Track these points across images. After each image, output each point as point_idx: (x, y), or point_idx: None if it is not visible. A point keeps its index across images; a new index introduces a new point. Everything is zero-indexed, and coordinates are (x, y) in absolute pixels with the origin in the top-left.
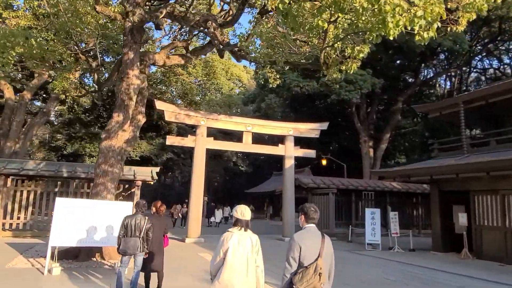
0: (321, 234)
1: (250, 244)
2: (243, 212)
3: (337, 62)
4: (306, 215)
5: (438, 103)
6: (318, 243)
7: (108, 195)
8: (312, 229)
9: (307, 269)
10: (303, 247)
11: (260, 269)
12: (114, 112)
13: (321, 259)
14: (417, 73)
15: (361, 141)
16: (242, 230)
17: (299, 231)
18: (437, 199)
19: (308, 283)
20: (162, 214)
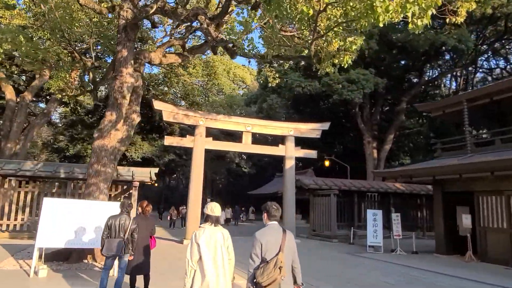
0: (283, 230)
1: (221, 238)
2: (213, 209)
3: (330, 56)
4: (268, 213)
5: (441, 102)
6: (279, 239)
7: (101, 195)
8: (274, 226)
9: (268, 263)
10: (264, 243)
11: (231, 260)
12: (107, 111)
13: (282, 253)
14: (421, 73)
15: (365, 142)
16: (212, 225)
17: (261, 229)
18: (440, 200)
19: (268, 277)
20: (148, 215)
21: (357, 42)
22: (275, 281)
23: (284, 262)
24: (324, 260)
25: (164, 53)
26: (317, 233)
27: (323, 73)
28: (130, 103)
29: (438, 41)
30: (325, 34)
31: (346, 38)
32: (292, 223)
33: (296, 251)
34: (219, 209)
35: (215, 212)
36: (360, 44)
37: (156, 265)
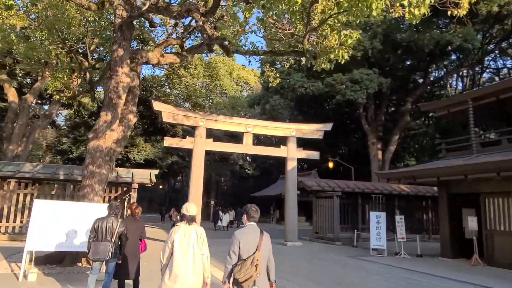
0: (260, 231)
1: (195, 235)
2: (187, 209)
3: (326, 51)
4: (248, 215)
5: (446, 101)
6: (256, 239)
7: (96, 197)
8: (252, 226)
9: (245, 261)
10: (242, 242)
11: (205, 256)
12: (102, 111)
13: (258, 252)
14: (426, 73)
15: (369, 143)
16: (187, 224)
17: (240, 228)
18: (445, 202)
19: (245, 273)
20: (137, 217)
21: (353, 36)
22: (251, 278)
23: (260, 260)
24: (325, 264)
25: (162, 53)
26: (320, 235)
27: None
28: (126, 103)
29: (443, 40)
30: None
31: (340, 31)
32: (294, 225)
33: (271, 251)
34: (193, 209)
35: (189, 212)
36: (356, 37)
37: (151, 268)
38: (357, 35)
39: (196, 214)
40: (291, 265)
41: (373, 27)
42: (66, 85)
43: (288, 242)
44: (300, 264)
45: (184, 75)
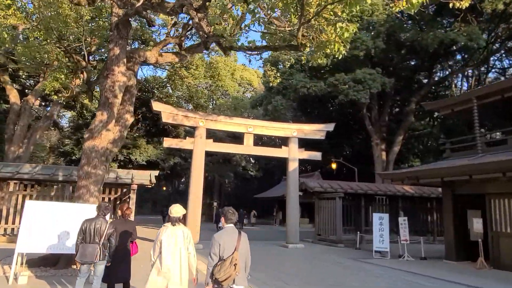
0: (238, 232)
1: (182, 235)
2: (172, 211)
3: (322, 46)
4: (225, 217)
5: (450, 99)
6: (234, 240)
7: (91, 198)
8: (230, 228)
9: (225, 261)
10: (221, 244)
11: (192, 254)
12: (98, 110)
13: (237, 252)
14: (431, 73)
15: (373, 144)
16: (173, 225)
17: (219, 231)
18: (450, 203)
19: (225, 273)
20: (128, 218)
21: (349, 29)
22: (230, 277)
23: (239, 260)
24: (326, 266)
25: (160, 52)
26: (323, 237)
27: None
28: (123, 102)
29: (447, 39)
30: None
31: (336, 24)
32: (295, 227)
33: (249, 251)
34: (178, 211)
35: (174, 214)
36: (353, 31)
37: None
38: (353, 28)
39: (181, 216)
40: (290, 268)
41: (376, 26)
42: (65, 86)
43: (289, 244)
44: (300, 267)
45: (185, 76)
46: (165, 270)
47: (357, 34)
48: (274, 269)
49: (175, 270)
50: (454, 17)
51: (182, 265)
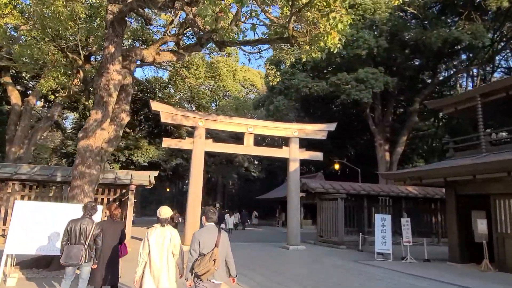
0: (218, 230)
1: (169, 236)
2: (160, 212)
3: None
4: (206, 216)
5: (453, 98)
6: (214, 237)
7: (85, 198)
8: (210, 226)
9: (204, 256)
10: (201, 241)
11: (176, 256)
12: (92, 109)
13: (217, 248)
14: (435, 72)
15: (376, 145)
16: (161, 225)
17: (200, 229)
18: (454, 204)
19: (204, 267)
20: (116, 219)
21: (344, 20)
22: (209, 271)
23: (218, 255)
24: (325, 269)
25: (157, 51)
26: (324, 239)
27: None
28: (119, 101)
29: (451, 37)
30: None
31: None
32: (296, 228)
33: (229, 247)
34: (165, 212)
35: (162, 215)
36: (347, 22)
37: None
38: (348, 20)
39: (169, 217)
40: (289, 270)
41: (379, 24)
42: (62, 85)
43: (290, 245)
44: (299, 269)
45: (187, 76)
46: (155, 272)
47: (359, 33)
48: (273, 271)
49: (163, 271)
50: (458, 15)
51: (169, 265)
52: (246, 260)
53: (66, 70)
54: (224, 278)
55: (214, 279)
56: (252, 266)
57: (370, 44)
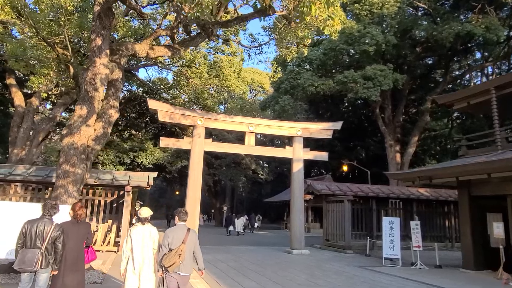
0: (187, 229)
1: (149, 234)
2: (141, 213)
3: (300, 10)
4: (178, 216)
5: (465, 91)
6: (183, 235)
7: (69, 199)
8: (181, 225)
9: (171, 251)
10: (171, 237)
11: (155, 250)
12: (77, 104)
13: (183, 245)
14: (447, 70)
15: (387, 145)
16: (142, 224)
17: (172, 227)
18: (467, 206)
19: (170, 261)
20: (81, 220)
21: None
22: (174, 264)
23: (185, 251)
24: (327, 276)
25: (151, 46)
26: (331, 243)
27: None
28: (107, 97)
29: (463, 31)
30: None
31: None
32: (300, 232)
33: (197, 243)
34: (145, 212)
35: (142, 215)
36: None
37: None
38: None
39: (149, 216)
40: (285, 276)
41: (387, 19)
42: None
43: (294, 250)
44: (297, 275)
45: (191, 77)
46: (137, 265)
47: (366, 28)
48: (268, 278)
49: (144, 264)
50: (472, 10)
51: (149, 259)
52: (243, 265)
53: (59, 67)
54: (190, 270)
55: (180, 271)
56: (247, 272)
57: (378, 40)
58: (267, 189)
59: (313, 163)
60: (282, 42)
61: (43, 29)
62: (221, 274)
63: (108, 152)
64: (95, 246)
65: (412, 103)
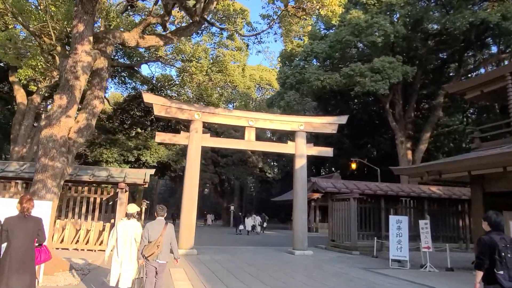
0: (165, 223)
1: (133, 228)
2: (128, 208)
3: None
4: (157, 212)
5: (478, 78)
6: (161, 228)
7: (48, 194)
8: (160, 219)
9: (150, 243)
10: (150, 230)
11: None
12: (56, 94)
13: (161, 237)
14: (461, 63)
15: (397, 142)
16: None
17: (152, 221)
18: (480, 203)
19: (149, 251)
20: (28, 215)
21: None
22: (153, 254)
23: (162, 242)
24: (325, 278)
25: (141, 34)
26: (337, 243)
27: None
28: (92, 87)
29: (477, 19)
30: None
31: None
32: (302, 232)
33: (173, 236)
34: (131, 208)
35: (129, 210)
36: None
37: None
38: None
39: (135, 212)
40: (280, 279)
41: (396, 8)
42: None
43: (296, 250)
44: (294, 278)
45: (194, 72)
46: (120, 254)
47: (373, 18)
48: (260, 281)
49: (126, 254)
50: None
51: (132, 250)
52: (238, 266)
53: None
54: (167, 259)
55: (158, 259)
56: (240, 274)
57: (386, 30)
58: (276, 188)
59: (323, 161)
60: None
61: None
62: (210, 276)
63: (112, 150)
64: (87, 246)
65: (424, 98)
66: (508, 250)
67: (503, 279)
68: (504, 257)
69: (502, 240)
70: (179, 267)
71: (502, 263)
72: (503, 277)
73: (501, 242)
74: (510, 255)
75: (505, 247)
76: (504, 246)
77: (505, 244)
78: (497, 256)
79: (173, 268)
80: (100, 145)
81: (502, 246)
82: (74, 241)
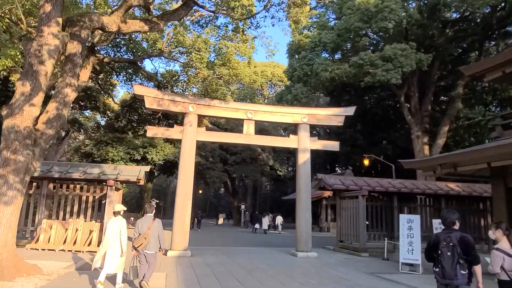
0: (153, 218)
1: (118, 224)
2: (115, 207)
3: None
4: (145, 210)
5: (498, 56)
6: (148, 223)
7: (10, 191)
8: (148, 216)
9: (140, 235)
10: (140, 225)
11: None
12: (18, 80)
13: (149, 230)
14: (481, 52)
15: (413, 137)
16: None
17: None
18: (503, 199)
19: (138, 242)
20: None
21: None
22: (141, 245)
23: (150, 235)
24: (326, 284)
25: (123, 18)
26: (345, 244)
27: None
28: (64, 74)
29: (499, 1)
30: None
31: None
32: (306, 233)
33: (160, 230)
34: (118, 207)
35: (116, 209)
36: None
37: None
38: None
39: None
40: (273, 286)
41: None
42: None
43: (299, 252)
44: (287, 284)
45: (198, 67)
46: (106, 243)
47: (384, 2)
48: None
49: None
50: None
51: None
52: (229, 270)
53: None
54: (155, 249)
55: (146, 250)
56: (226, 280)
57: (398, 15)
58: (291, 186)
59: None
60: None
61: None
62: (191, 282)
63: (118, 149)
64: (75, 247)
65: (441, 90)
66: (446, 249)
67: (437, 276)
68: (441, 255)
69: (447, 239)
70: (163, 271)
71: (438, 260)
72: (438, 273)
73: (444, 241)
74: (449, 253)
75: (446, 245)
76: (445, 245)
77: (447, 242)
78: (435, 253)
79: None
80: (106, 143)
81: (443, 244)
82: (62, 242)
